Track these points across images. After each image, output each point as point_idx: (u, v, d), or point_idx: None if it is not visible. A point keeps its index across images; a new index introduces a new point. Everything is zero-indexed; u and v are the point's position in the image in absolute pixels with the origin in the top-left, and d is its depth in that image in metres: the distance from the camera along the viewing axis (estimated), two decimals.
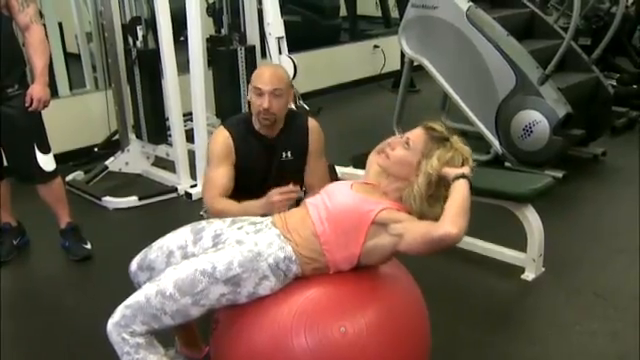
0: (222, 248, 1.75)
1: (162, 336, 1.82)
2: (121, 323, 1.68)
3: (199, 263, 1.71)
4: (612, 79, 5.14)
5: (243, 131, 2.23)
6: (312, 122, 2.31)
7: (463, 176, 1.68)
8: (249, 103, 2.23)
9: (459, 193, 1.64)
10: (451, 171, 1.70)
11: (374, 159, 1.91)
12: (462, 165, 1.75)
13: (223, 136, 2.23)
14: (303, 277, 1.75)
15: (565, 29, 4.21)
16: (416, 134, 1.79)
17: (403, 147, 1.78)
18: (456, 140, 1.78)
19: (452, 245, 1.59)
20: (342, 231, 1.71)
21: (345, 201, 1.76)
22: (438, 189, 1.70)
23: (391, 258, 1.77)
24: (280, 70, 2.28)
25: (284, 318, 1.67)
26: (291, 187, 1.98)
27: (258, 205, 2.01)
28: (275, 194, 1.97)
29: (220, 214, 2.06)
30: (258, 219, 1.87)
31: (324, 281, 1.75)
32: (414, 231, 1.64)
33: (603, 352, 2.33)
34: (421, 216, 1.71)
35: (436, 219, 1.64)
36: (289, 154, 2.25)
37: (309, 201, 1.85)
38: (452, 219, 1.58)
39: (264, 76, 2.16)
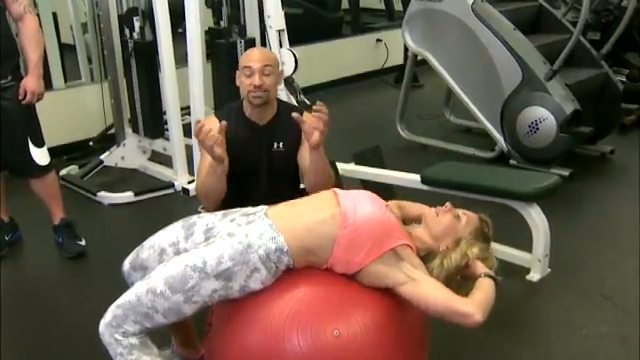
0: (213, 242, 1.74)
1: (158, 336, 1.81)
2: (113, 323, 1.68)
3: (189, 258, 1.70)
4: (622, 75, 5.13)
5: (233, 117, 2.23)
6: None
7: (494, 279, 1.76)
8: (238, 89, 2.22)
9: (490, 289, 1.72)
10: (483, 267, 1.78)
11: (395, 205, 1.99)
12: None
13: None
14: (295, 270, 1.73)
15: (574, 23, 4.19)
16: (472, 217, 1.87)
17: (455, 217, 1.85)
18: (493, 249, 1.89)
19: (464, 326, 1.64)
20: (365, 236, 1.71)
21: (381, 214, 1.78)
22: (458, 272, 1.77)
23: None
24: (268, 51, 2.28)
25: (277, 320, 1.65)
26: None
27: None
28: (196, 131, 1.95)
29: (200, 192, 2.12)
30: (251, 210, 1.86)
31: (318, 282, 1.73)
32: (436, 290, 1.68)
33: (611, 357, 2.31)
34: None
35: None
36: (280, 145, 2.24)
37: (339, 191, 1.85)
38: (481, 306, 1.65)
39: (253, 55, 2.20)
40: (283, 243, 1.71)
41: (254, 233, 1.73)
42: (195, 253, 1.71)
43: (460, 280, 1.77)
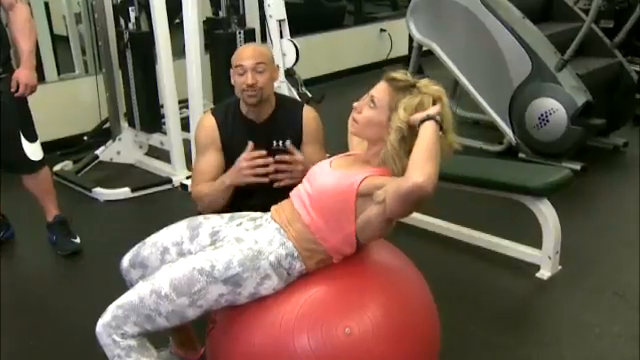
0: (221, 246, 1.74)
1: (156, 336, 1.81)
2: (112, 324, 1.67)
3: (197, 261, 1.70)
4: (636, 65, 5.09)
5: (230, 115, 2.23)
6: (308, 110, 2.30)
7: (429, 118, 1.59)
8: (234, 88, 2.22)
9: (423, 138, 1.57)
10: (417, 116, 1.62)
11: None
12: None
13: (207, 122, 2.23)
14: (307, 274, 1.74)
15: (586, 11, 4.18)
16: (379, 89, 1.71)
17: (369, 107, 1.71)
18: (424, 83, 1.69)
19: (424, 196, 1.50)
20: (330, 214, 1.70)
21: (325, 182, 1.74)
22: (412, 141, 1.61)
23: (389, 228, 1.72)
24: (261, 46, 2.29)
25: (286, 318, 1.66)
26: (259, 152, 2.02)
27: (227, 174, 2.08)
28: (242, 160, 2.02)
29: (202, 200, 2.12)
30: (257, 214, 1.87)
31: (328, 279, 1.74)
32: (389, 191, 1.56)
33: (624, 357, 2.31)
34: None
35: None
36: (280, 143, 2.23)
37: (292, 193, 1.84)
38: (418, 167, 1.51)
39: (244, 53, 2.18)
40: (292, 248, 1.71)
41: (263, 239, 1.73)
42: (203, 256, 1.71)
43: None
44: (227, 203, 2.10)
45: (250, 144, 2.05)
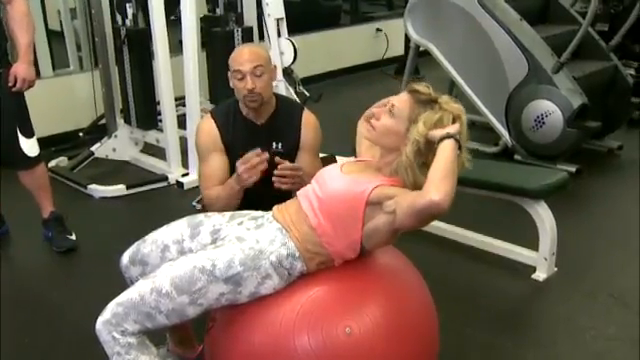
0: (222, 245, 1.74)
1: (153, 333, 1.80)
2: (112, 321, 1.67)
3: (198, 260, 1.70)
4: (631, 68, 5.11)
5: (231, 117, 2.23)
6: (308, 116, 2.29)
7: (449, 136, 1.61)
8: (233, 90, 2.22)
9: (442, 155, 1.58)
10: (437, 133, 1.63)
11: (363, 129, 1.89)
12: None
13: (207, 125, 2.22)
14: (308, 274, 1.74)
15: (582, 14, 4.20)
16: (401, 99, 1.72)
17: (388, 115, 1.72)
18: (445, 100, 1.70)
19: (439, 213, 1.52)
20: (338, 219, 1.70)
21: (336, 187, 1.74)
22: (428, 154, 1.63)
23: (394, 238, 1.73)
24: (257, 48, 2.27)
25: (286, 317, 1.66)
26: (255, 153, 2.00)
27: (233, 178, 2.07)
28: (240, 164, 2.01)
29: (214, 205, 2.11)
30: (259, 213, 1.87)
31: (329, 279, 1.74)
32: (402, 204, 1.57)
33: (619, 359, 2.32)
34: (416, 187, 1.63)
35: None
36: (279, 146, 2.23)
37: (300, 192, 1.84)
38: (435, 185, 1.52)
39: (241, 57, 2.16)
40: (294, 249, 1.71)
41: (265, 239, 1.73)
42: (204, 255, 1.71)
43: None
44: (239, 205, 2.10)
45: (256, 150, 2.04)
